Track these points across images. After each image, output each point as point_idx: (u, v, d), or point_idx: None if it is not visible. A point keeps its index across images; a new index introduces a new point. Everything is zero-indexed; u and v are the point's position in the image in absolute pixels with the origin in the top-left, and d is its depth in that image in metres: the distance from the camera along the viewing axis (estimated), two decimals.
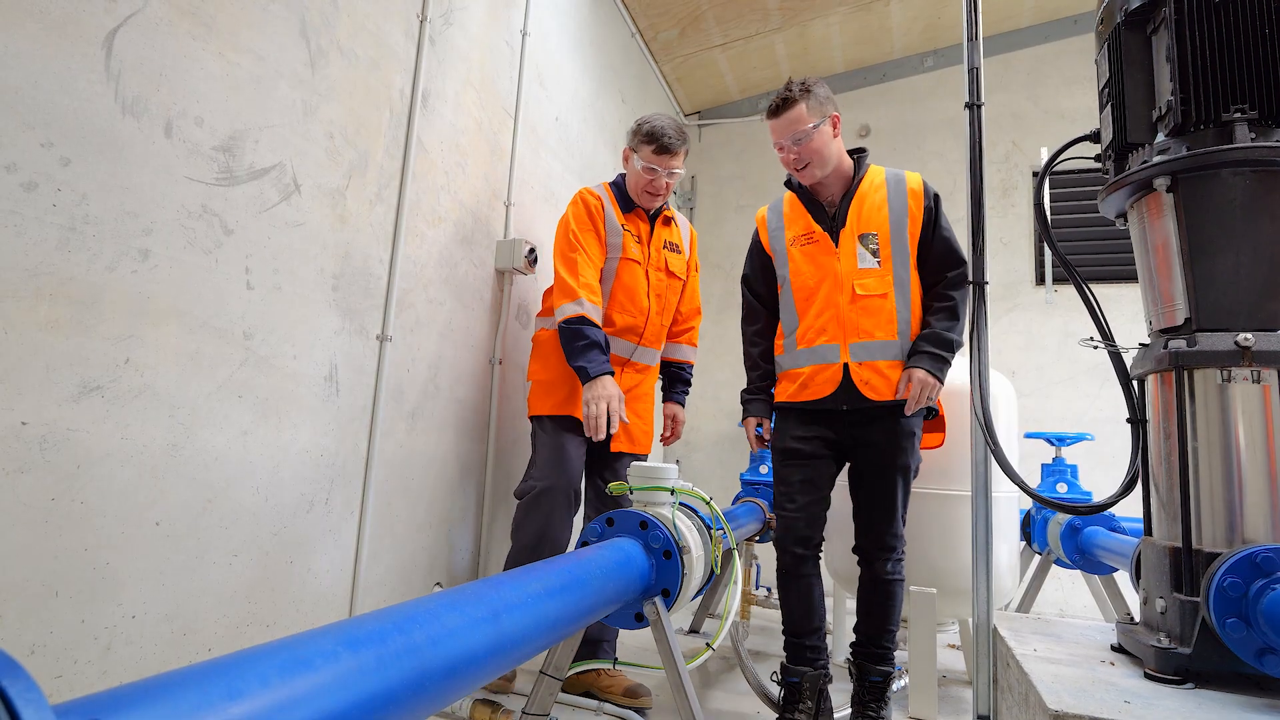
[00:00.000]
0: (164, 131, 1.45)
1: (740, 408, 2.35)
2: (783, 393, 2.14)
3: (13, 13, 1.21)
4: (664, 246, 2.52)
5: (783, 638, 2.09)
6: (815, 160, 2.07)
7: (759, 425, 2.22)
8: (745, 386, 2.29)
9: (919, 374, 1.95)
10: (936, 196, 2.10)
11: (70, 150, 1.29)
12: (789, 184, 2.27)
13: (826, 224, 2.11)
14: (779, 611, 2.42)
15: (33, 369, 1.24)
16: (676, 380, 2.68)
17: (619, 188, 2.51)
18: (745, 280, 2.32)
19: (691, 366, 2.69)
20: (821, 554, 2.10)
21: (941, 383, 1.98)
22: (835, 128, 2.10)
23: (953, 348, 2.00)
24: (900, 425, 2.01)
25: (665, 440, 2.65)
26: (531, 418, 2.41)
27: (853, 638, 2.10)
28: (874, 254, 2.05)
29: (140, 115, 1.41)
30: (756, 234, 2.29)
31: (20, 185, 1.22)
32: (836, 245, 2.08)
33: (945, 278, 2.06)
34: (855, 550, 2.08)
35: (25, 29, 1.23)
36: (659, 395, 2.70)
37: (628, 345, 2.44)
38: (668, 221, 2.56)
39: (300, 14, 1.78)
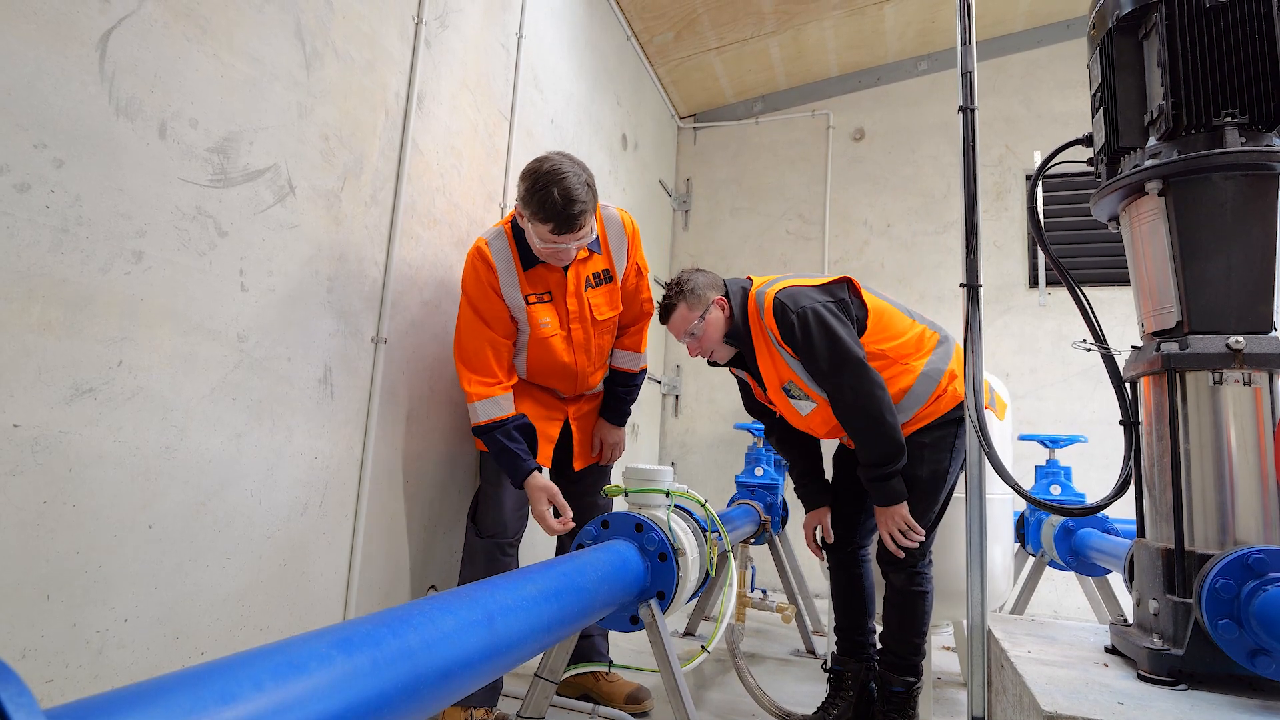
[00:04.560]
0: (158, 133, 1.45)
1: (738, 413, 2.39)
2: None
3: (6, 13, 1.21)
4: (586, 287, 2.13)
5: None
6: (718, 347, 2.10)
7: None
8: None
9: (878, 514, 1.99)
10: (792, 323, 1.92)
11: (64, 151, 1.29)
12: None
13: (759, 381, 2.15)
14: (774, 614, 2.42)
15: (25, 371, 1.24)
16: (610, 396, 2.37)
17: (521, 237, 2.03)
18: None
19: (634, 375, 2.38)
20: (865, 554, 2.23)
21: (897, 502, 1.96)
22: (723, 309, 2.08)
23: (880, 485, 1.95)
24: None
25: (596, 457, 2.39)
26: (479, 450, 2.24)
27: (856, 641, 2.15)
28: (805, 397, 2.04)
29: (134, 117, 1.40)
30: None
31: (13, 186, 1.22)
32: (774, 404, 2.17)
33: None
34: (878, 561, 2.11)
35: (19, 29, 1.23)
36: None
37: (566, 394, 2.28)
38: (588, 249, 2.11)
39: (295, 16, 1.78)
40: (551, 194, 1.83)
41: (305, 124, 1.81)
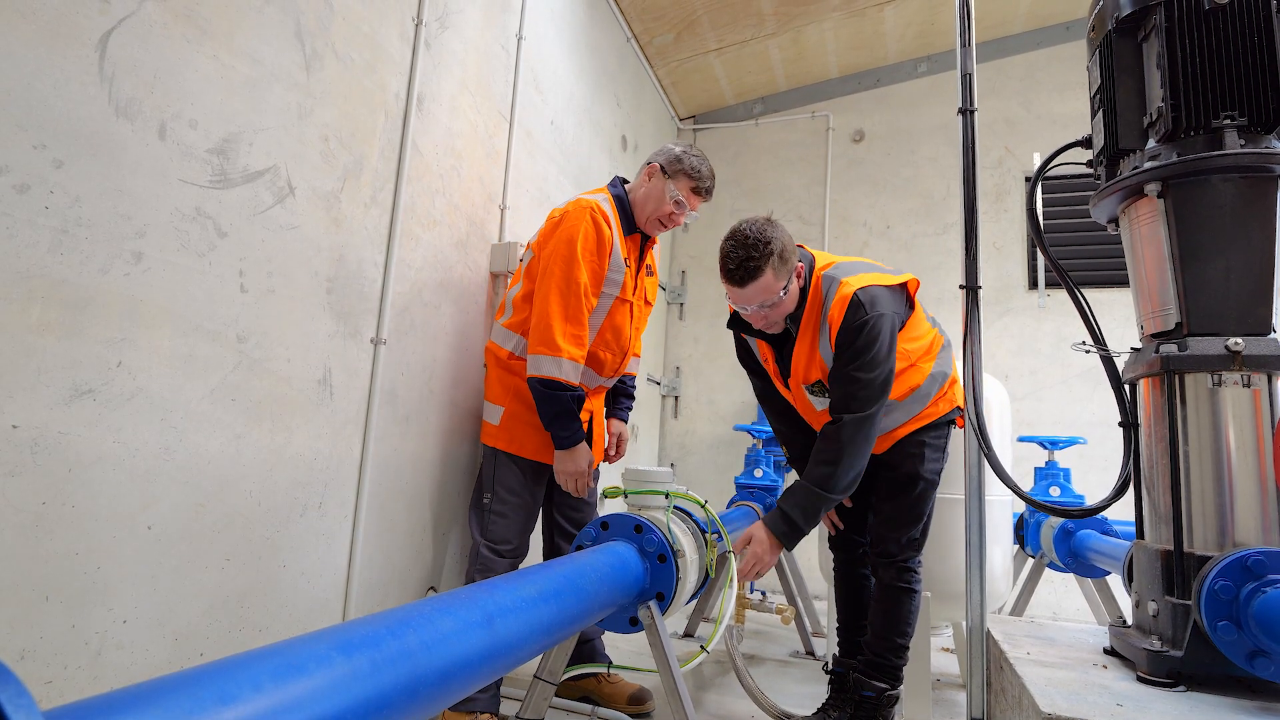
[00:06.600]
0: (158, 134, 1.45)
1: (738, 415, 2.36)
2: None
3: (6, 14, 1.21)
4: (646, 272, 2.38)
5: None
6: (781, 319, 1.91)
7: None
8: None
9: (759, 536, 1.77)
10: (861, 326, 1.77)
11: (63, 152, 1.29)
12: (735, 324, 2.07)
13: (782, 364, 2.03)
14: (773, 615, 2.42)
15: (24, 372, 1.24)
16: (619, 394, 2.52)
17: (623, 205, 2.27)
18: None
19: (634, 376, 2.54)
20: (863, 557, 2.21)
21: (784, 545, 1.77)
22: (800, 278, 1.88)
23: (810, 510, 1.76)
24: (901, 441, 2.01)
25: (610, 459, 2.51)
26: (495, 449, 2.22)
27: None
28: (826, 395, 1.94)
29: (134, 118, 1.41)
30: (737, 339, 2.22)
31: (13, 187, 1.22)
32: (789, 389, 2.07)
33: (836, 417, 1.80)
34: (870, 554, 2.11)
35: (19, 30, 1.23)
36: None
37: (606, 374, 2.34)
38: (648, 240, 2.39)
39: (295, 17, 1.78)
40: (705, 162, 2.23)
41: (305, 125, 1.81)
